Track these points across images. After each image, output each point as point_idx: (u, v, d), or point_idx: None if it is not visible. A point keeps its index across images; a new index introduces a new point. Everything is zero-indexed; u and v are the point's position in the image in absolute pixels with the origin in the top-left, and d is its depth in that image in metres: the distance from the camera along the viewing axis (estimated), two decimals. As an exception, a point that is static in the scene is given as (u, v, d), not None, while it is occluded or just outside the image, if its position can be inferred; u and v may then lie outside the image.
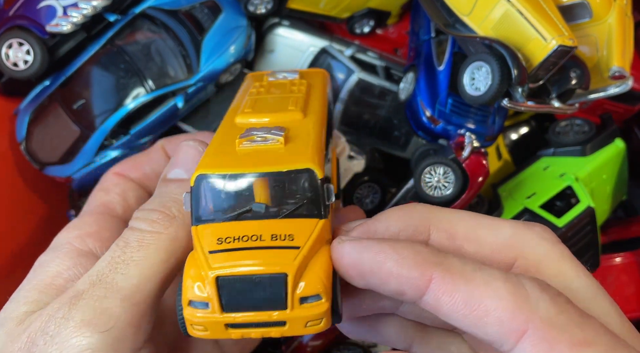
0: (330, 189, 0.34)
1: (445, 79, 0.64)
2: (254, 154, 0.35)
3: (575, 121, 0.75)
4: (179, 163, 0.42)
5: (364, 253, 0.31)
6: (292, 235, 0.32)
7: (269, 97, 0.46)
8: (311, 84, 0.49)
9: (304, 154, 0.35)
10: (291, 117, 0.41)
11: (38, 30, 0.63)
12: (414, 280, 0.30)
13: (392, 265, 0.30)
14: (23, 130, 0.68)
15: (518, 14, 0.55)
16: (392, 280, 0.30)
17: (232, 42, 0.68)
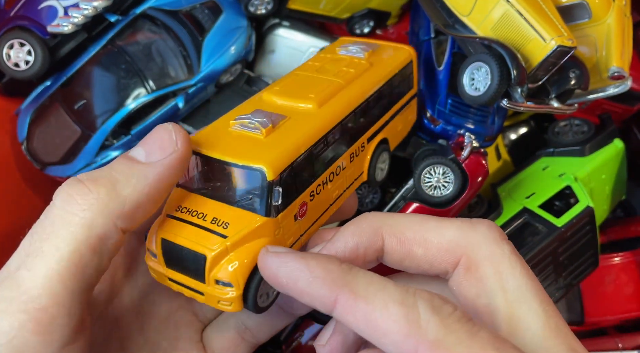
0: (277, 192, 0.36)
1: (444, 79, 0.64)
2: (236, 139, 0.39)
3: (574, 121, 0.75)
4: (146, 144, 0.37)
5: (281, 267, 0.33)
6: (228, 224, 0.36)
7: (310, 77, 0.48)
8: (374, 65, 0.50)
9: (267, 152, 0.37)
10: (304, 106, 0.42)
11: (39, 30, 0.63)
12: (323, 299, 0.32)
13: (303, 283, 0.32)
14: (24, 130, 0.68)
15: (517, 15, 0.55)
16: (304, 296, 0.32)
17: (233, 43, 0.69)
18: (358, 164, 0.47)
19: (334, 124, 0.42)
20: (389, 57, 0.51)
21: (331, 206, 0.44)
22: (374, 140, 0.48)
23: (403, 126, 0.56)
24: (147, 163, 0.36)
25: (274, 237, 0.37)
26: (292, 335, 0.73)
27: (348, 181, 0.45)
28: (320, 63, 0.50)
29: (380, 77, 0.48)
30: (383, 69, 0.49)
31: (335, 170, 0.43)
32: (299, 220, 0.39)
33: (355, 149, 0.45)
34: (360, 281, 0.32)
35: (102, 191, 0.33)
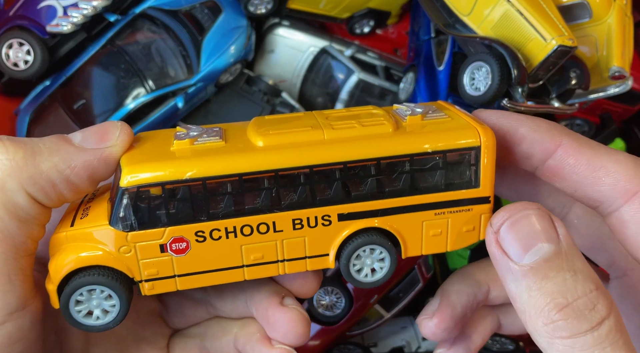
0: (125, 205, 0.33)
1: (445, 79, 0.64)
2: (161, 142, 0.37)
3: (575, 121, 0.75)
4: (86, 130, 0.36)
5: (503, 118, 0.37)
6: (86, 217, 0.35)
7: (308, 117, 0.39)
8: (404, 132, 0.37)
9: (151, 159, 0.34)
10: (252, 139, 0.36)
11: (38, 30, 0.63)
12: (545, 143, 0.35)
13: (526, 129, 0.36)
14: (23, 130, 0.68)
15: (518, 14, 0.55)
16: (523, 142, 0.36)
17: (232, 43, 0.68)
18: (314, 240, 0.36)
19: (267, 166, 0.34)
20: (438, 130, 0.37)
21: (247, 267, 0.36)
22: (357, 222, 0.37)
23: (445, 235, 0.38)
24: (79, 147, 0.34)
25: (116, 251, 0.34)
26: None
27: (288, 252, 0.37)
28: (343, 113, 0.40)
29: (395, 146, 0.36)
30: (411, 139, 0.36)
31: (255, 226, 0.35)
32: (171, 254, 0.34)
33: (305, 217, 0.35)
34: (581, 137, 0.35)
35: (18, 154, 0.32)
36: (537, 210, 0.32)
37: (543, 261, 0.30)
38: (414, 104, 0.40)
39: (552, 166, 0.35)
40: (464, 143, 0.36)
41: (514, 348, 0.71)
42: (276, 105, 0.72)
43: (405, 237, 0.38)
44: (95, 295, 0.34)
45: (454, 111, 0.39)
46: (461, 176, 0.37)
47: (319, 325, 0.71)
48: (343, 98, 0.74)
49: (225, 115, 0.72)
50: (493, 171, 0.37)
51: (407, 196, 0.36)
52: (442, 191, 0.37)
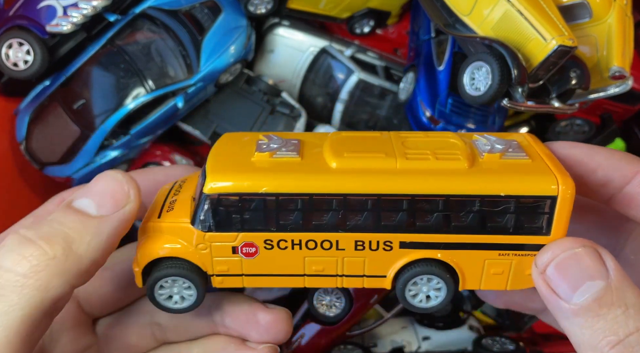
0: (205, 208, 0.36)
1: (445, 79, 0.64)
2: (245, 150, 0.39)
3: (575, 121, 0.75)
4: (95, 194, 0.35)
5: (575, 148, 0.37)
6: (172, 211, 0.38)
7: (386, 140, 0.39)
8: (476, 172, 0.36)
9: (238, 170, 0.36)
10: (327, 158, 0.37)
11: (38, 30, 0.63)
12: (622, 170, 0.35)
13: (601, 157, 0.36)
14: (23, 130, 0.68)
15: (518, 14, 0.55)
16: (599, 170, 0.36)
17: (232, 42, 0.68)
18: (373, 262, 0.38)
19: (337, 190, 0.35)
20: (515, 173, 0.36)
21: (307, 276, 0.39)
22: (418, 252, 0.37)
23: (506, 275, 0.38)
24: (100, 217, 0.34)
25: (194, 247, 0.37)
26: (293, 335, 0.73)
27: (347, 268, 0.38)
28: (420, 138, 0.39)
29: (467, 185, 0.35)
30: (485, 180, 0.35)
31: (319, 241, 0.37)
32: (241, 256, 0.38)
33: (368, 240, 0.37)
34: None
35: (58, 250, 0.32)
36: (584, 247, 0.32)
37: (592, 299, 0.30)
38: (496, 138, 0.38)
39: (630, 193, 0.35)
40: (540, 191, 0.35)
41: (514, 348, 0.71)
42: (276, 105, 0.72)
43: (465, 271, 0.38)
44: (178, 284, 0.38)
45: (536, 150, 0.38)
46: (532, 222, 0.36)
47: (319, 325, 0.71)
48: (343, 98, 0.74)
49: (225, 115, 0.72)
50: (567, 221, 0.35)
51: (473, 234, 0.36)
52: (510, 234, 0.36)
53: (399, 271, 0.38)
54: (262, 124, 0.71)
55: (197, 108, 0.71)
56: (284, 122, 0.72)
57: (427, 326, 0.78)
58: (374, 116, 0.75)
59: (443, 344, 0.78)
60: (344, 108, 0.75)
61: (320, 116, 0.77)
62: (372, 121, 0.75)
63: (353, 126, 0.76)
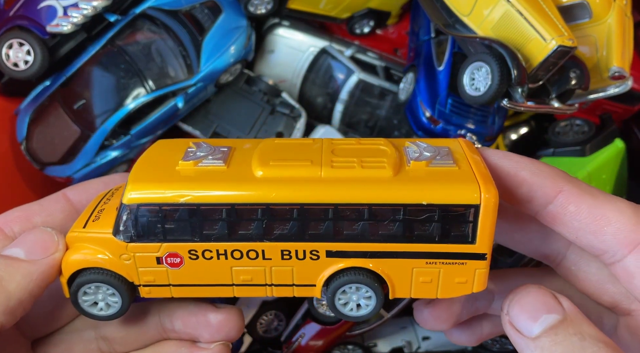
0: (124, 218, 0.35)
1: (445, 79, 0.64)
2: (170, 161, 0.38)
3: (574, 121, 0.75)
4: (24, 243, 0.37)
5: (504, 159, 0.37)
6: (97, 220, 0.38)
7: (312, 148, 0.38)
8: (400, 180, 0.35)
9: (159, 178, 0.36)
10: (250, 168, 0.36)
11: (38, 30, 0.63)
12: (546, 188, 0.35)
13: (526, 173, 0.36)
14: (23, 130, 0.68)
15: (518, 15, 0.55)
16: (524, 185, 0.36)
17: (233, 43, 0.68)
18: (301, 271, 0.37)
19: (260, 200, 0.34)
20: (439, 182, 0.35)
21: (236, 286, 0.38)
22: (345, 260, 0.37)
23: (435, 284, 0.38)
24: (30, 261, 0.35)
25: (118, 259, 0.37)
26: (293, 335, 0.73)
27: (275, 278, 0.38)
28: (352, 145, 0.39)
29: (390, 194, 0.34)
30: (408, 189, 0.34)
31: (245, 251, 0.36)
32: (166, 267, 0.37)
33: (294, 250, 0.36)
34: (582, 182, 0.36)
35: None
36: (539, 288, 0.33)
37: (550, 328, 0.31)
38: (427, 145, 0.37)
39: (553, 212, 0.35)
40: (462, 200, 0.34)
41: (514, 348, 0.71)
42: (276, 105, 0.72)
43: (394, 280, 0.37)
44: (102, 290, 0.37)
45: (466, 157, 0.37)
46: (457, 230, 0.35)
47: (319, 325, 0.71)
48: (343, 98, 0.75)
49: (225, 115, 0.72)
50: (492, 229, 0.35)
51: (398, 242, 0.35)
52: (435, 243, 0.35)
53: (328, 279, 0.37)
54: (262, 124, 0.72)
55: (197, 108, 0.72)
56: (284, 123, 0.72)
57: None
58: (374, 116, 0.75)
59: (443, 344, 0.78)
60: (344, 108, 0.75)
61: (320, 116, 0.77)
62: (372, 121, 0.75)
63: (353, 126, 0.76)
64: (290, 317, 0.75)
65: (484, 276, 0.36)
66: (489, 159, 0.37)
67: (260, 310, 0.74)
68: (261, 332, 0.75)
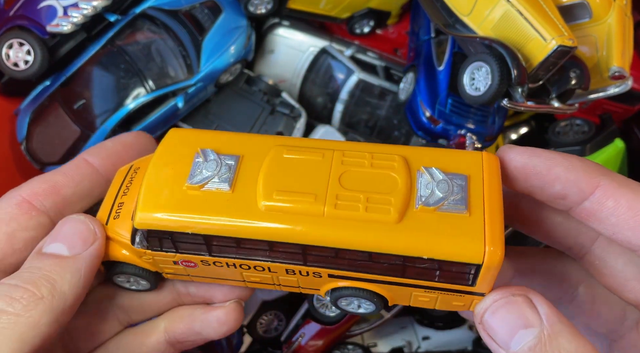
0: (137, 237, 0.37)
1: (445, 79, 0.64)
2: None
3: (575, 121, 0.75)
4: (63, 238, 0.37)
5: (534, 157, 0.35)
6: (118, 218, 0.40)
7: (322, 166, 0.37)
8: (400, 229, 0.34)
9: (165, 205, 0.36)
10: (253, 198, 0.36)
11: (38, 30, 0.63)
12: (581, 184, 0.33)
13: (560, 169, 0.34)
14: (23, 130, 0.68)
15: (518, 14, 0.55)
16: (557, 183, 0.34)
17: (232, 43, 0.68)
18: (306, 282, 0.39)
19: (262, 236, 0.34)
20: (442, 234, 0.33)
21: (248, 282, 0.41)
22: (344, 281, 0.37)
23: (433, 303, 0.38)
24: (74, 256, 0.36)
25: (140, 259, 0.39)
26: (293, 335, 0.73)
27: (283, 283, 0.40)
28: (359, 168, 0.36)
29: (390, 243, 0.33)
30: (409, 239, 0.33)
31: (252, 266, 0.37)
32: (183, 266, 0.39)
33: (298, 270, 0.37)
34: (619, 175, 0.33)
35: (44, 291, 0.33)
36: (514, 296, 0.32)
37: (527, 348, 0.30)
38: (444, 176, 0.34)
39: (589, 208, 0.33)
40: (464, 259, 0.32)
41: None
42: (276, 105, 0.72)
43: (394, 298, 0.38)
44: (132, 277, 0.41)
45: (482, 192, 0.34)
46: (457, 278, 0.34)
47: (319, 325, 0.71)
48: (343, 98, 0.75)
49: (225, 115, 0.72)
50: (494, 278, 0.33)
51: (399, 277, 0.35)
52: (435, 282, 0.35)
53: (331, 290, 0.38)
54: (262, 124, 0.72)
55: (197, 108, 0.72)
56: (284, 122, 0.72)
57: (427, 326, 0.79)
58: (374, 116, 0.75)
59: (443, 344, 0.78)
60: (344, 108, 0.75)
61: (321, 116, 0.77)
62: (372, 121, 0.75)
63: (353, 126, 0.76)
64: (290, 316, 0.75)
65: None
66: (516, 158, 0.35)
67: (260, 310, 0.74)
68: (261, 332, 0.75)
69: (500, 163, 0.35)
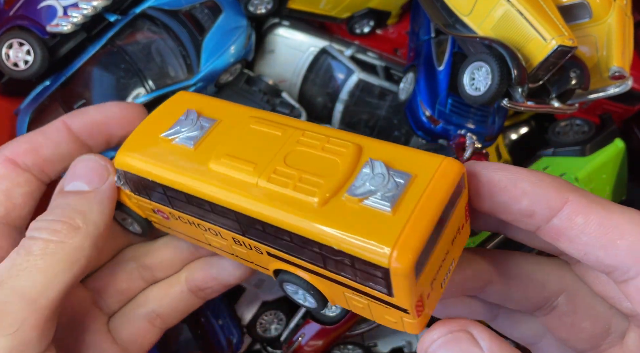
0: (117, 174, 0.41)
1: (445, 79, 0.64)
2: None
3: (575, 121, 0.75)
4: (78, 175, 0.40)
5: (500, 171, 0.33)
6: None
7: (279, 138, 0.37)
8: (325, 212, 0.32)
9: (147, 148, 0.40)
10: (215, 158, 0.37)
11: (38, 30, 0.63)
12: (549, 200, 0.31)
13: (527, 184, 0.32)
14: (24, 130, 0.68)
15: (518, 14, 0.55)
16: (524, 198, 0.32)
17: (232, 43, 0.68)
18: (253, 257, 0.39)
19: (203, 195, 0.36)
20: (355, 227, 0.31)
21: (213, 247, 0.41)
22: (282, 264, 0.37)
23: (369, 312, 0.36)
24: (95, 190, 0.39)
25: (131, 201, 0.43)
26: (293, 335, 0.73)
27: (238, 253, 0.40)
28: (309, 149, 0.36)
29: (306, 226, 0.32)
30: (324, 225, 0.32)
31: (205, 227, 0.38)
32: (160, 216, 0.42)
33: (241, 241, 0.38)
34: (587, 191, 0.32)
35: (79, 222, 0.37)
36: (455, 333, 0.31)
37: None
38: (384, 169, 0.32)
39: (558, 226, 0.31)
40: (369, 258, 0.30)
41: (514, 348, 0.71)
42: (276, 105, 0.72)
43: (331, 295, 0.37)
44: (129, 219, 0.45)
45: (421, 197, 0.31)
46: (372, 280, 0.32)
47: (319, 325, 0.71)
48: (343, 98, 0.75)
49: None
50: (410, 293, 0.30)
51: (324, 268, 0.34)
52: (355, 281, 0.33)
53: (275, 271, 0.38)
54: (262, 124, 0.71)
55: (197, 108, 0.71)
56: (284, 123, 0.72)
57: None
58: (374, 116, 0.75)
59: (443, 344, 0.78)
60: (344, 108, 0.75)
61: (321, 116, 0.77)
62: (372, 121, 0.75)
63: (353, 126, 0.76)
64: (290, 316, 0.75)
65: (413, 327, 0.33)
66: (482, 172, 0.33)
67: (260, 310, 0.74)
68: (261, 332, 0.75)
69: (467, 179, 0.33)
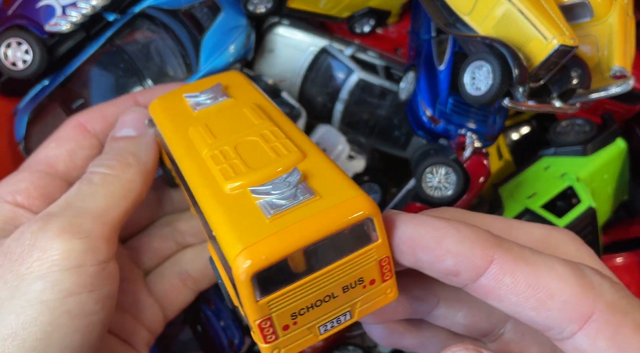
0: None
1: (445, 78, 0.64)
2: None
3: (576, 120, 0.74)
4: (127, 123, 0.45)
5: (421, 227, 0.30)
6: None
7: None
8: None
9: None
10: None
11: (37, 29, 0.63)
12: (474, 259, 0.29)
13: (450, 242, 0.29)
14: (22, 130, 0.68)
15: (519, 14, 0.54)
16: (448, 257, 0.29)
17: (232, 42, 0.68)
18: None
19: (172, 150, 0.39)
20: (230, 220, 0.31)
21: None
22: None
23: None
24: (141, 134, 0.44)
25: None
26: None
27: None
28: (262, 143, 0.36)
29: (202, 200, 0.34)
30: (205, 197, 0.34)
31: (186, 189, 0.39)
32: (175, 174, 0.43)
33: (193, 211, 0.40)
34: (513, 245, 0.29)
35: (131, 161, 0.41)
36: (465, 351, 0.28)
37: None
38: (293, 180, 0.31)
39: (486, 285, 0.29)
40: (225, 251, 0.29)
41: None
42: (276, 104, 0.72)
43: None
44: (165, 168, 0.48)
45: (300, 217, 0.29)
46: (230, 275, 0.31)
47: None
48: (343, 98, 0.74)
49: (224, 115, 0.72)
50: (252, 308, 0.29)
51: (212, 247, 0.35)
52: (225, 271, 0.33)
53: None
54: (262, 124, 0.71)
55: (196, 108, 0.71)
56: (284, 122, 0.72)
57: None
58: (374, 116, 0.75)
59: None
60: (344, 108, 0.74)
61: (321, 115, 0.77)
62: (372, 120, 0.75)
63: (353, 125, 0.75)
64: None
65: (262, 349, 0.31)
66: (400, 228, 0.30)
67: None
68: None
69: (390, 231, 0.31)
